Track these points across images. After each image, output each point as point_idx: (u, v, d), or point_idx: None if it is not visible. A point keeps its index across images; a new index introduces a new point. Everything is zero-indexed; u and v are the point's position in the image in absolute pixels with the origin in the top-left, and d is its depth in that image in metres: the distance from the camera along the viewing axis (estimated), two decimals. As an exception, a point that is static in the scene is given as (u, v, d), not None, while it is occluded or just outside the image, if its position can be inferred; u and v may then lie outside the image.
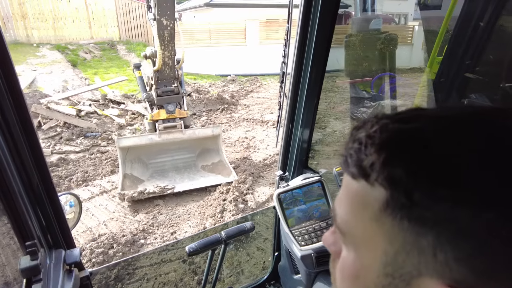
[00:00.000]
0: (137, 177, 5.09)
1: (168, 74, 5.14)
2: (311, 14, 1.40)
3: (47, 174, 1.00)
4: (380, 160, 0.32)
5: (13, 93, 0.86)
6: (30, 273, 0.93)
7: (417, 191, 0.30)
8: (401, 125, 0.34)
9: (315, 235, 1.55)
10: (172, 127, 5.19)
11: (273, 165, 5.94)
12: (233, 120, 8.43)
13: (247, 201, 4.66)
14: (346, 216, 0.38)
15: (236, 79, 12.65)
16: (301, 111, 1.65)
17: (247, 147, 6.74)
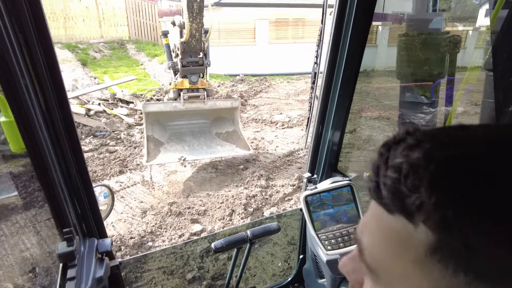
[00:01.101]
0: (158, 139, 5.60)
1: (195, 46, 5.25)
2: (345, 13, 1.37)
3: (84, 166, 1.05)
4: (431, 201, 0.27)
5: (58, 92, 0.91)
6: (66, 258, 0.99)
7: (479, 237, 0.26)
8: (451, 152, 0.28)
9: (342, 240, 1.51)
10: (196, 97, 5.50)
11: (282, 167, 5.77)
12: (241, 120, 8.05)
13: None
14: (379, 253, 0.33)
15: (245, 79, 12.47)
16: (332, 112, 1.62)
17: (256, 148, 6.54)
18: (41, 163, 0.91)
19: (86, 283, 0.99)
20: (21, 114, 0.84)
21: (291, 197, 4.83)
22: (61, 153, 0.97)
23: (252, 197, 4.67)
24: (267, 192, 4.85)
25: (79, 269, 1.00)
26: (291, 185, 5.11)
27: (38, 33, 0.83)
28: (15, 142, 0.92)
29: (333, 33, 1.44)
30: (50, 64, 0.87)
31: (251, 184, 5.06)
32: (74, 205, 1.06)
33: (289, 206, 4.57)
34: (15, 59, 0.78)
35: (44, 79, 0.87)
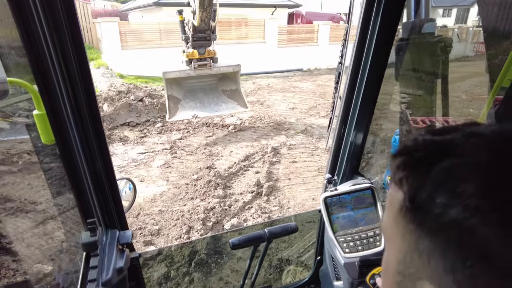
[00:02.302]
0: (176, 96, 7.14)
1: (203, 27, 6.56)
2: (372, 13, 1.34)
3: (109, 160, 1.09)
4: (399, 164, 0.36)
5: (87, 89, 0.95)
6: (89, 248, 1.03)
7: (421, 196, 0.32)
8: (429, 136, 0.36)
9: (360, 243, 1.49)
10: (204, 65, 7.01)
11: (239, 173, 5.51)
12: (191, 126, 7.81)
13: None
14: (385, 218, 0.40)
15: None
16: (355, 114, 1.59)
17: (210, 154, 6.29)
18: (69, 155, 0.95)
19: (107, 273, 1.02)
20: (52, 108, 0.88)
21: (251, 205, 4.57)
22: (87, 146, 1.01)
23: (210, 209, 4.38)
24: (226, 202, 4.59)
25: (101, 259, 1.04)
26: (250, 192, 4.88)
27: (71, 32, 0.86)
28: (45, 135, 0.96)
29: (359, 33, 1.41)
30: (81, 62, 0.91)
31: (207, 195, 4.75)
32: (98, 197, 1.10)
33: (250, 215, 4.30)
34: (49, 56, 0.82)
35: (75, 76, 0.91)
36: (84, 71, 0.92)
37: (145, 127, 7.76)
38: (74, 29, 0.87)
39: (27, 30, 0.77)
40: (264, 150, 6.49)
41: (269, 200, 4.74)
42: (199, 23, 6.22)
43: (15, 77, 1.11)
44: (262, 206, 4.53)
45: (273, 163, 5.98)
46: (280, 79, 13.62)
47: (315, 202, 4.75)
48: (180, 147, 6.71)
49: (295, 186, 5.18)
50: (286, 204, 4.66)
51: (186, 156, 6.28)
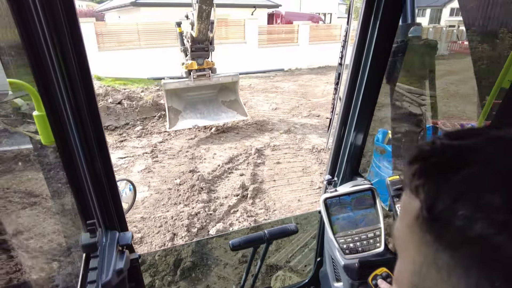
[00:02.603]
0: (176, 108, 7.21)
1: (201, 38, 6.80)
2: (372, 14, 1.34)
3: (109, 161, 1.09)
4: (415, 171, 0.34)
5: (87, 90, 0.95)
6: (89, 249, 1.02)
7: (439, 206, 0.30)
8: (447, 141, 0.34)
9: (361, 244, 1.49)
10: (203, 75, 7.12)
11: (223, 176, 5.45)
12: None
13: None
14: (397, 222, 0.39)
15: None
16: (355, 115, 1.59)
17: (192, 157, 6.17)
18: (69, 156, 0.95)
19: (107, 274, 1.02)
20: (52, 109, 0.87)
21: (237, 208, 4.52)
22: (87, 147, 1.01)
23: (195, 215, 4.28)
24: (210, 207, 4.50)
25: (100, 260, 1.04)
26: (235, 195, 4.81)
27: (71, 33, 0.86)
28: (45, 135, 0.96)
29: (359, 34, 1.41)
30: (80, 63, 0.91)
31: (191, 200, 4.65)
32: (98, 198, 1.10)
33: (236, 219, 4.25)
34: (49, 57, 0.82)
35: (75, 77, 0.91)
36: (84, 72, 0.92)
37: (125, 130, 7.53)
38: (74, 30, 0.87)
39: (27, 30, 0.77)
40: (248, 151, 6.41)
41: (254, 203, 4.68)
42: (197, 34, 6.51)
43: (15, 78, 1.10)
44: (248, 209, 4.47)
45: (257, 164, 5.92)
46: (261, 80, 13.56)
47: (300, 203, 4.72)
48: (162, 150, 6.51)
49: (280, 188, 5.15)
50: (271, 206, 4.62)
51: (168, 160, 6.10)
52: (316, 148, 6.63)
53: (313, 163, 6.06)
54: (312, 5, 26.82)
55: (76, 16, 0.86)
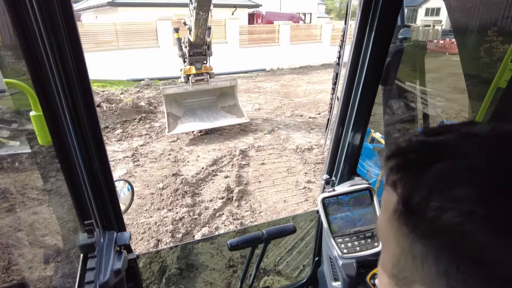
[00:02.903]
0: (175, 114, 7.17)
1: (199, 43, 6.93)
2: (370, 14, 1.35)
3: (106, 161, 1.09)
4: (392, 166, 0.35)
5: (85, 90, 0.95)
6: (86, 249, 1.02)
7: (414, 199, 0.32)
8: (424, 137, 0.36)
9: (358, 244, 1.49)
10: (201, 80, 7.19)
11: (208, 179, 5.33)
12: (154, 131, 7.40)
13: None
14: (380, 216, 0.40)
15: (151, 83, 11.39)
16: (353, 114, 1.59)
17: (175, 160, 5.99)
18: (66, 156, 0.95)
19: (105, 274, 1.02)
20: (49, 109, 0.87)
21: (222, 211, 4.44)
22: (85, 147, 1.01)
23: (179, 220, 4.17)
24: (195, 211, 4.39)
25: (98, 261, 1.03)
26: (220, 198, 4.73)
27: (68, 33, 0.86)
28: (42, 136, 0.96)
29: (357, 34, 1.41)
30: (78, 63, 0.91)
31: (175, 205, 4.53)
32: (96, 199, 1.10)
33: (221, 223, 4.20)
34: (46, 58, 0.82)
35: (72, 77, 0.90)
36: (81, 72, 0.92)
37: (104, 134, 7.16)
38: (71, 30, 0.86)
39: (24, 31, 0.77)
40: (232, 153, 6.33)
41: (240, 205, 4.62)
42: (195, 39, 6.69)
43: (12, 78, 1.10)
44: (234, 212, 4.42)
45: (242, 166, 5.85)
46: (244, 80, 13.47)
47: (286, 204, 4.70)
48: (143, 154, 6.32)
49: (265, 189, 5.12)
50: (257, 208, 4.57)
51: (149, 163, 5.93)
52: (300, 148, 6.59)
53: (298, 163, 6.02)
54: (292, 5, 26.89)
55: (73, 16, 0.86)
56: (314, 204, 4.68)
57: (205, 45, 7.08)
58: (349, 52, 1.48)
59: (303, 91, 11.72)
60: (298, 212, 4.44)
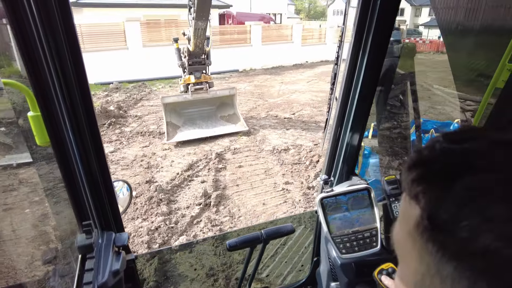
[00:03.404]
0: (175, 123, 7.19)
1: (198, 52, 7.08)
2: (368, 14, 1.35)
3: (105, 162, 1.08)
4: (415, 177, 0.32)
5: (83, 90, 0.95)
6: (85, 250, 1.02)
7: (441, 215, 0.29)
8: (447, 145, 0.33)
9: (357, 244, 1.49)
10: (200, 89, 7.24)
11: (183, 185, 5.15)
12: (124, 136, 7.11)
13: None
14: (397, 226, 0.37)
15: (120, 86, 11.08)
16: (351, 114, 1.60)
17: (148, 166, 5.75)
18: (64, 157, 0.94)
19: (103, 275, 1.02)
20: (47, 110, 0.87)
21: (200, 218, 4.31)
22: (83, 148, 1.00)
23: (155, 229, 4.01)
24: (172, 219, 4.24)
25: (97, 261, 1.03)
26: (197, 205, 4.60)
27: (66, 33, 0.86)
28: (40, 136, 0.96)
29: (355, 35, 1.41)
30: (76, 63, 0.90)
31: (150, 214, 4.35)
32: (94, 199, 1.09)
33: (200, 230, 4.08)
34: (44, 58, 0.82)
35: (70, 77, 0.90)
36: (79, 72, 0.91)
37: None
38: (69, 29, 0.86)
39: (21, 30, 0.76)
40: (208, 156, 6.17)
41: (218, 211, 4.51)
42: (193, 49, 6.84)
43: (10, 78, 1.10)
44: (212, 218, 4.32)
45: (218, 170, 5.72)
46: (217, 81, 13.20)
47: (265, 207, 4.63)
48: (114, 161, 6.03)
49: (244, 192, 5.03)
50: (236, 213, 4.49)
51: (121, 171, 5.69)
52: (276, 149, 6.52)
53: (275, 164, 5.96)
54: (262, 5, 26.98)
55: (71, 16, 0.86)
56: (293, 206, 4.66)
57: (204, 54, 7.19)
58: (347, 53, 1.48)
59: (276, 91, 11.63)
60: (297, 212, 4.42)
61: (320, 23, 28.04)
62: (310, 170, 5.65)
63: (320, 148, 6.53)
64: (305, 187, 5.14)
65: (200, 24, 6.11)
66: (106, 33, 12.48)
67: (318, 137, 7.16)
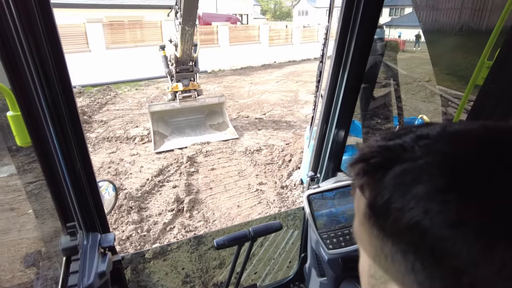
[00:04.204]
0: (162, 133, 6.87)
1: (185, 58, 6.82)
2: (352, 13, 1.37)
3: (89, 161, 1.06)
4: (358, 171, 0.37)
5: (65, 88, 0.92)
6: (69, 252, 1.00)
7: (378, 201, 0.34)
8: (383, 142, 0.38)
9: (344, 239, 1.51)
10: (188, 97, 6.99)
11: (154, 191, 5.01)
12: (90, 142, 6.77)
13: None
14: (355, 220, 0.42)
15: (83, 91, 10.79)
16: (337, 111, 1.62)
17: (116, 173, 5.52)
18: (46, 157, 0.92)
19: (89, 277, 1.00)
20: (27, 109, 0.84)
21: (173, 225, 4.23)
22: (66, 148, 0.98)
23: (126, 239, 3.87)
24: (143, 227, 4.11)
25: (82, 263, 1.01)
26: (170, 211, 4.50)
27: (46, 31, 0.84)
28: (21, 136, 0.93)
29: (339, 33, 1.43)
30: (57, 61, 0.88)
31: (120, 223, 4.20)
32: (78, 200, 1.07)
33: (173, 237, 3.99)
34: (23, 55, 0.79)
35: (51, 75, 0.88)
36: (60, 69, 0.89)
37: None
38: (49, 26, 0.84)
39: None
40: (179, 160, 5.98)
41: (192, 216, 4.42)
42: (181, 55, 6.61)
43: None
44: (186, 224, 4.23)
45: (191, 173, 5.57)
46: None
47: (240, 209, 4.61)
48: None
49: (217, 195, 4.97)
50: (211, 217, 4.43)
51: None
52: (249, 150, 6.47)
53: (248, 165, 5.91)
54: (228, 6, 26.88)
55: (51, 11, 0.83)
56: (268, 206, 4.66)
57: (191, 61, 6.98)
58: (333, 51, 1.50)
59: (246, 92, 11.54)
60: (227, 221, 4.35)
61: (286, 23, 28.14)
62: (283, 169, 5.66)
63: (291, 147, 6.54)
64: (278, 186, 5.15)
65: (187, 29, 6.00)
66: (65, 35, 11.83)
67: (289, 137, 7.16)
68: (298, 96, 10.72)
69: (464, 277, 0.28)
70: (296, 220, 3.47)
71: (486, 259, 0.27)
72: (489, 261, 0.27)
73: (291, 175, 5.46)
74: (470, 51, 2.26)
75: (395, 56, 2.85)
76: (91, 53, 12.47)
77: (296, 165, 5.69)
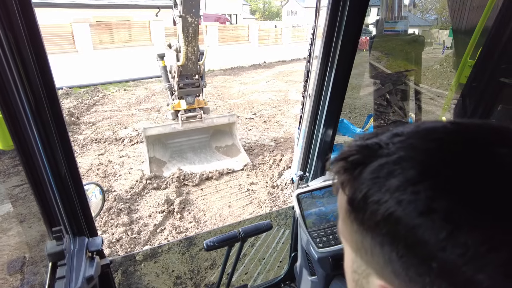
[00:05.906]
0: (159, 159, 5.67)
1: (191, 69, 5.46)
2: (338, 14, 1.38)
3: (75, 164, 1.04)
4: (338, 169, 0.39)
5: (48, 90, 0.90)
6: (55, 257, 0.98)
7: (357, 197, 0.35)
8: (362, 141, 0.39)
9: (333, 237, 1.52)
10: (193, 117, 5.71)
11: (144, 193, 4.92)
12: (78, 144, 6.66)
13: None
14: (338, 218, 0.43)
15: (71, 92, 10.63)
16: (324, 110, 1.63)
17: (105, 175, 5.43)
18: (30, 161, 0.90)
19: (76, 283, 0.98)
20: (9, 111, 0.82)
21: (164, 226, 4.22)
22: (50, 151, 0.96)
23: (116, 241, 3.83)
24: (134, 229, 4.06)
25: (68, 268, 0.99)
26: (160, 212, 4.47)
27: (28, 32, 0.82)
28: (3, 140, 0.91)
29: (326, 33, 1.44)
30: (40, 63, 0.86)
31: (110, 225, 4.14)
32: (64, 203, 1.05)
33: (164, 238, 3.99)
34: (4, 55, 0.77)
35: (34, 77, 0.86)
36: (43, 69, 0.87)
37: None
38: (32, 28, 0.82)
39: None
40: None
41: (183, 217, 4.40)
42: (184, 61, 5.27)
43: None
44: (176, 225, 4.22)
45: None
46: None
47: (231, 209, 4.61)
48: None
49: (208, 196, 4.95)
50: (202, 218, 4.41)
51: None
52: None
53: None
54: (217, 6, 26.74)
55: (34, 15, 0.81)
56: (259, 206, 4.67)
57: (197, 73, 5.68)
58: (319, 50, 1.51)
59: (236, 92, 11.55)
60: (218, 222, 4.35)
61: (275, 23, 28.24)
62: (273, 169, 5.67)
63: (282, 147, 6.55)
64: (269, 186, 5.16)
65: (190, 20, 4.75)
66: (51, 35, 11.61)
67: (280, 136, 7.17)
68: (288, 96, 10.76)
69: (433, 262, 0.30)
70: (287, 219, 3.48)
71: (452, 243, 0.28)
72: (455, 246, 0.28)
73: (282, 174, 5.47)
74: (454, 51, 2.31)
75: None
76: (78, 54, 12.25)
77: (287, 165, 5.70)
